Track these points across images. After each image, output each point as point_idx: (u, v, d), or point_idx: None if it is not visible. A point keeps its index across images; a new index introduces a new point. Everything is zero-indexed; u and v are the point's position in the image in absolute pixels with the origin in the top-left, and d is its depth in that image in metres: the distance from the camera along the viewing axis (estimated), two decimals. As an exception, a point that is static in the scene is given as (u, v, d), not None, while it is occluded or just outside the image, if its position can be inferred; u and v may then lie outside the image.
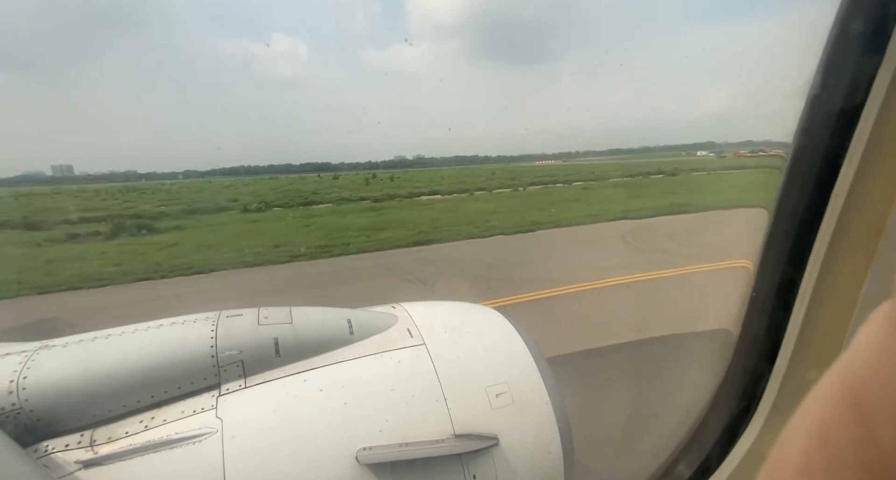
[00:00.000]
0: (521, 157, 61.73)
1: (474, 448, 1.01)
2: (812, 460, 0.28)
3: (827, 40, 0.99)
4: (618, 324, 5.88)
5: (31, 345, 1.01)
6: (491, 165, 57.62)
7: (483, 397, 1.08)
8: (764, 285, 1.25)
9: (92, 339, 1.03)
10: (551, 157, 67.16)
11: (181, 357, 1.01)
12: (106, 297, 8.74)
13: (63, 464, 0.87)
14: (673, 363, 4.22)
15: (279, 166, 59.29)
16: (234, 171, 61.75)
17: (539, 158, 62.63)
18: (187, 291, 8.98)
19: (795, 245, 1.14)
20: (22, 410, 0.89)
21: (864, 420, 0.24)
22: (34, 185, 48.63)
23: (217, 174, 57.16)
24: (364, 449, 0.95)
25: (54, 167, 45.55)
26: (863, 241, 1.02)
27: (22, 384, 0.91)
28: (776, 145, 1.65)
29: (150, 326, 1.07)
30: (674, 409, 2.21)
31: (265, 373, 1.04)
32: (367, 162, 60.62)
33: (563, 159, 60.63)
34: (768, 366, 1.26)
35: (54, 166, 46.01)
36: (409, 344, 1.15)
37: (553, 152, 76.48)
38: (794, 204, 1.13)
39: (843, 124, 0.98)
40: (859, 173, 0.98)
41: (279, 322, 1.11)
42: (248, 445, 0.93)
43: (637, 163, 49.51)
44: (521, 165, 57.25)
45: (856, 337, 0.27)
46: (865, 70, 0.93)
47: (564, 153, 71.68)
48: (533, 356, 1.18)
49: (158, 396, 0.98)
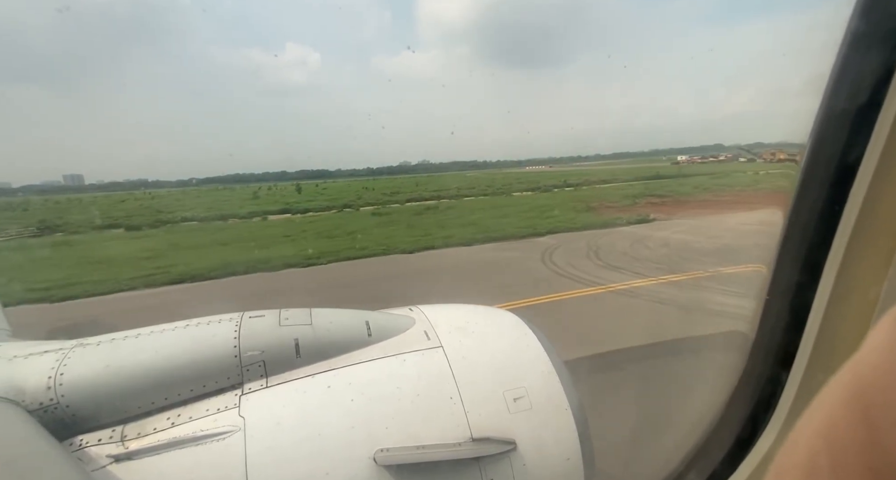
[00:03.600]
0: (525, 161, 61.37)
1: (492, 452, 1.01)
2: (818, 461, 0.28)
3: (842, 41, 0.98)
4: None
5: (68, 343, 1.06)
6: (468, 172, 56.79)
7: (501, 401, 1.08)
8: (779, 288, 1.24)
9: (123, 338, 1.07)
10: (546, 162, 66.89)
11: (206, 357, 1.04)
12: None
13: (96, 458, 0.90)
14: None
15: (301, 172, 59.84)
16: (244, 178, 62.61)
17: (535, 163, 62.29)
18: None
19: (812, 248, 1.12)
20: (59, 405, 0.93)
21: (870, 422, 0.24)
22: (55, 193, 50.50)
23: (229, 181, 58.25)
24: (382, 451, 0.97)
25: (65, 176, 46.95)
26: (881, 243, 1.00)
27: (59, 381, 0.95)
28: (790, 146, 1.64)
29: (178, 326, 1.11)
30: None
31: (286, 373, 1.07)
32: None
33: (549, 165, 60.30)
34: (785, 371, 1.24)
35: (65, 176, 47.42)
36: (427, 347, 1.16)
37: (561, 156, 76.04)
38: (811, 206, 1.11)
39: (860, 125, 0.97)
40: (877, 175, 0.96)
41: (300, 323, 1.14)
42: (269, 443, 0.95)
43: (574, 171, 48.64)
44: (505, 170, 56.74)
45: (865, 341, 0.27)
46: (882, 70, 0.91)
47: (556, 159, 71.15)
48: (552, 361, 1.17)
49: (185, 394, 1.01)
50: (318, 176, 56.97)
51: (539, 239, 13.65)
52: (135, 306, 8.67)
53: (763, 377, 1.32)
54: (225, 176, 63.48)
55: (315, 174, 58.54)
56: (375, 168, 62.74)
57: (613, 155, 60.34)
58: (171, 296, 9.43)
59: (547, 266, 10.05)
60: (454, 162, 57.27)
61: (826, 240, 1.08)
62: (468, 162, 54.54)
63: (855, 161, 0.99)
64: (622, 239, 12.91)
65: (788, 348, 1.22)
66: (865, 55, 0.95)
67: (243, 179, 63.77)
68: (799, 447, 0.30)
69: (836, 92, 1.02)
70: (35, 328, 6.50)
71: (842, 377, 0.28)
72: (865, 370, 0.26)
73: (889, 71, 0.91)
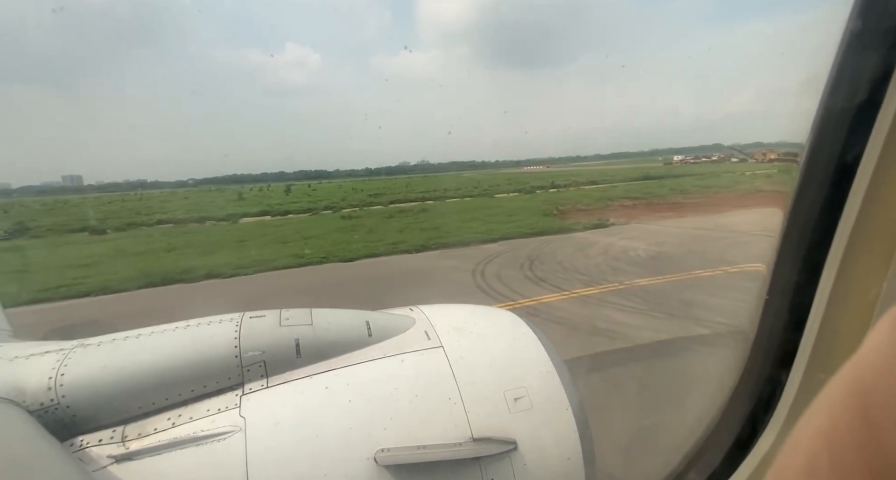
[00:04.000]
0: (524, 162, 60.93)
1: (492, 452, 1.01)
2: (818, 462, 0.28)
3: (840, 40, 0.98)
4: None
5: (69, 344, 1.06)
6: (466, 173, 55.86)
7: (501, 401, 1.08)
8: (779, 288, 1.24)
9: (124, 338, 1.07)
10: (546, 162, 66.54)
11: (207, 357, 1.04)
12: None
13: (96, 458, 0.91)
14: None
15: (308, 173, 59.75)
16: (242, 179, 62.56)
17: (534, 163, 61.98)
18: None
19: (811, 248, 1.13)
20: (59, 406, 0.93)
21: (870, 422, 0.24)
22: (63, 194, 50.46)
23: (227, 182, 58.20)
24: (382, 451, 0.97)
25: (64, 177, 46.78)
26: (880, 243, 1.00)
27: (60, 381, 0.95)
28: (789, 146, 1.64)
29: (178, 326, 1.11)
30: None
31: (286, 373, 1.07)
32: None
33: (547, 165, 59.93)
34: (785, 371, 1.24)
35: (64, 176, 47.23)
36: (427, 347, 1.16)
37: (560, 156, 75.79)
38: (810, 206, 1.11)
39: (859, 125, 0.97)
40: (876, 174, 0.96)
41: (300, 324, 1.14)
42: (269, 443, 0.95)
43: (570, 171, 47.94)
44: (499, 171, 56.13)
45: (865, 341, 0.27)
46: (881, 69, 0.91)
47: (556, 159, 70.79)
48: (552, 361, 1.18)
49: (185, 394, 1.02)
50: (315, 176, 56.88)
51: (489, 246, 13.47)
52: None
53: (763, 378, 1.32)
54: (223, 177, 63.60)
55: (313, 175, 58.46)
56: (374, 168, 62.58)
57: (612, 155, 60.11)
58: (48, 314, 8.51)
59: (473, 278, 9.85)
60: (453, 162, 56.95)
61: (825, 240, 1.08)
62: (466, 162, 54.06)
63: (854, 161, 0.99)
64: (567, 246, 12.80)
65: (788, 348, 1.22)
66: (864, 55, 0.96)
67: (241, 179, 63.85)
68: (799, 447, 0.30)
69: (835, 91, 1.02)
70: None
71: (841, 378, 0.28)
72: (865, 371, 0.26)
73: (888, 70, 0.91)
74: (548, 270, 10.42)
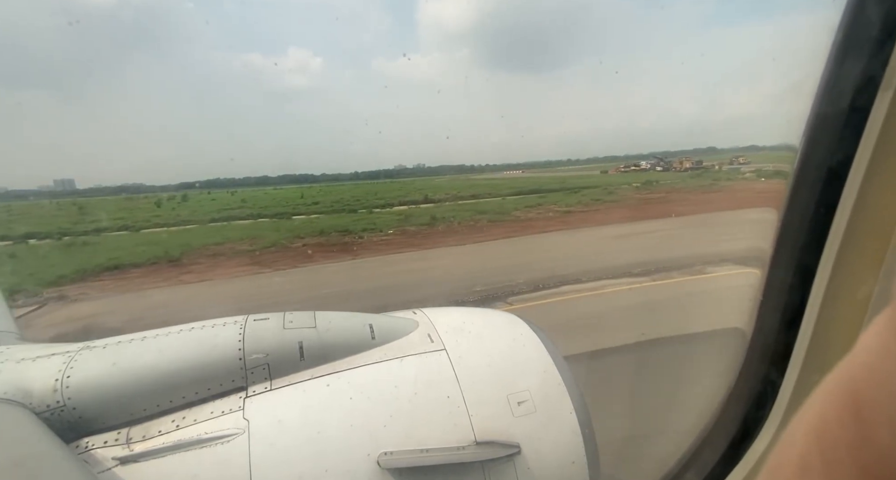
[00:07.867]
0: (502, 166, 58.98)
1: (496, 455, 1.01)
2: (810, 460, 0.28)
3: (832, 44, 1.00)
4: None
5: (75, 346, 1.06)
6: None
7: (505, 404, 1.08)
8: (774, 289, 1.25)
9: (129, 341, 1.08)
10: (542, 165, 64.95)
11: (211, 360, 1.05)
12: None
13: (102, 460, 0.91)
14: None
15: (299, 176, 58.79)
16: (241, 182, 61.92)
17: (519, 167, 60.03)
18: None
19: (805, 249, 1.14)
20: (65, 408, 0.94)
21: (862, 420, 0.25)
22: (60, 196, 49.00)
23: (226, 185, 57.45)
24: (385, 454, 0.97)
25: (56, 181, 45.47)
26: (873, 244, 1.02)
27: (66, 383, 0.96)
28: (782, 149, 1.67)
29: (183, 329, 1.12)
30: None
31: (290, 376, 1.08)
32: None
33: (521, 169, 57.83)
34: (780, 371, 1.25)
35: (56, 180, 45.92)
36: (430, 349, 1.17)
37: (553, 160, 74.63)
38: (803, 208, 1.13)
39: (851, 128, 0.99)
40: (868, 176, 0.98)
41: (303, 326, 1.15)
42: (273, 446, 0.96)
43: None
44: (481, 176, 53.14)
45: (859, 341, 0.28)
46: (872, 73, 0.93)
47: (551, 162, 69.26)
48: (556, 365, 1.17)
49: (189, 396, 1.02)
50: (314, 180, 55.98)
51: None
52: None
53: (758, 378, 1.33)
54: (223, 180, 62.92)
55: (312, 178, 57.65)
56: (362, 172, 60.38)
57: (606, 158, 59.23)
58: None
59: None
60: (443, 166, 55.33)
61: (819, 241, 1.09)
62: (455, 166, 51.90)
63: (846, 163, 1.01)
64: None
65: (783, 348, 1.23)
66: (855, 59, 0.97)
67: (240, 182, 63.36)
68: (792, 446, 0.30)
69: (827, 95, 1.04)
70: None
71: (835, 377, 0.28)
72: (859, 370, 0.26)
73: (878, 74, 0.92)
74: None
